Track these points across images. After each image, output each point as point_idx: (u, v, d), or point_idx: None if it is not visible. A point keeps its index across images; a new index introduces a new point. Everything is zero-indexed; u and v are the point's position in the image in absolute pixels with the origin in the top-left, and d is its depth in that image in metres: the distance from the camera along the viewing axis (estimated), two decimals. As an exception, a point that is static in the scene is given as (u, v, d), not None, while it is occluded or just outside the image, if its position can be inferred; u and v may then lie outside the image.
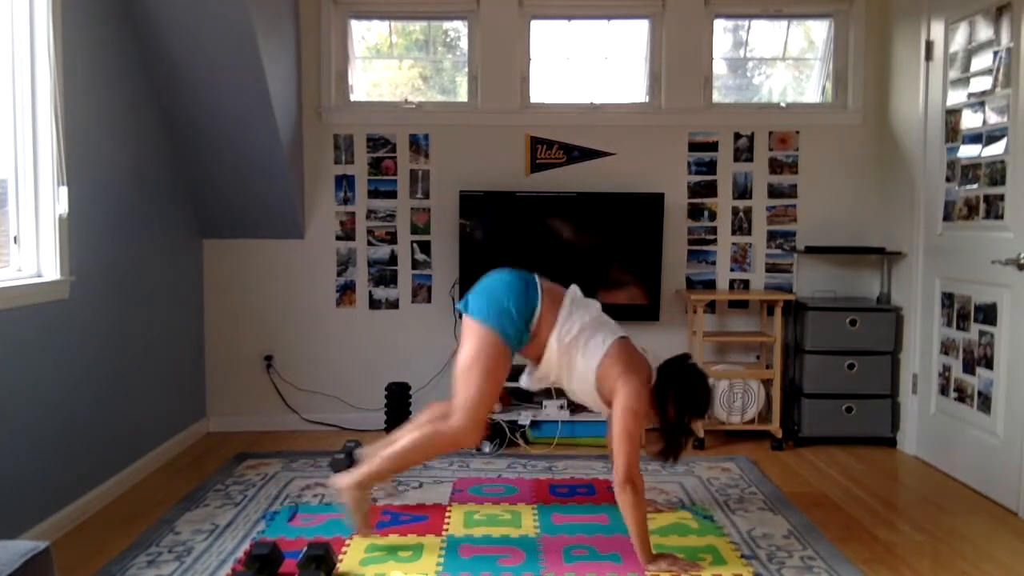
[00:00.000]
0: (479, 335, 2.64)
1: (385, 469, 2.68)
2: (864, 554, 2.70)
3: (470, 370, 2.62)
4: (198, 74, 3.53)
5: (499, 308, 2.63)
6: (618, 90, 4.36)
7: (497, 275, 2.76)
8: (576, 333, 2.67)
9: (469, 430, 2.62)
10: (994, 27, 3.28)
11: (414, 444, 2.64)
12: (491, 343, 2.62)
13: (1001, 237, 3.21)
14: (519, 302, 2.65)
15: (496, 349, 2.62)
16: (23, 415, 2.66)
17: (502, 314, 2.62)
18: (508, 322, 2.62)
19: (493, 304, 2.65)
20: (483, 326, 2.63)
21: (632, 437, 2.55)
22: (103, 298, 3.19)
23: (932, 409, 3.71)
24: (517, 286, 2.69)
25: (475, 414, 2.62)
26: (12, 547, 1.57)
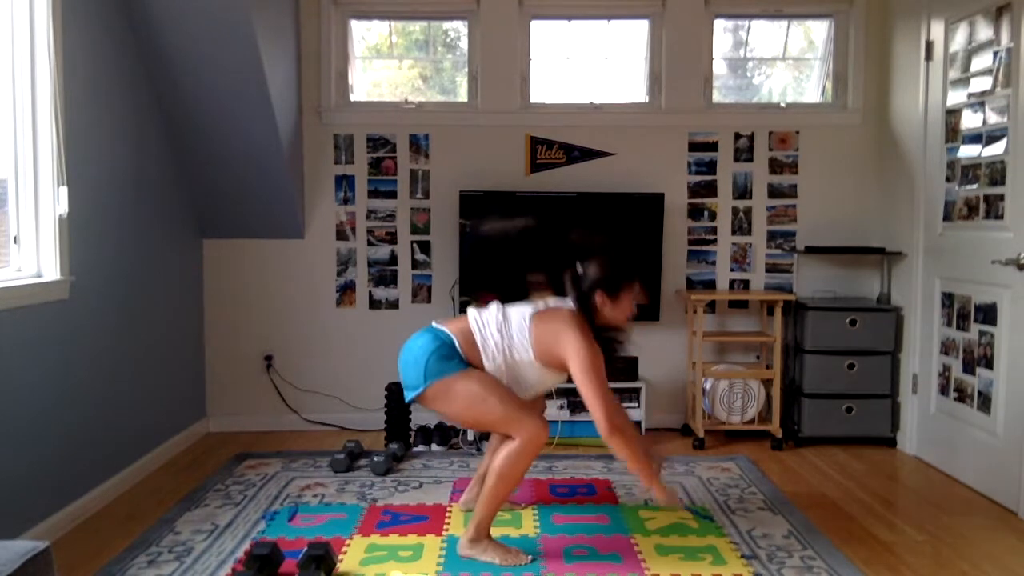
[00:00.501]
0: (441, 395, 2.58)
1: (490, 512, 2.61)
2: (864, 554, 2.70)
3: (476, 414, 2.58)
4: (198, 74, 3.53)
5: (424, 365, 2.57)
6: (618, 90, 4.36)
7: (403, 352, 2.70)
8: (499, 344, 2.61)
9: (534, 430, 2.52)
10: (994, 27, 3.28)
11: (502, 475, 2.55)
12: (453, 386, 2.56)
13: (1001, 237, 3.21)
14: (431, 347, 2.60)
15: (463, 383, 2.56)
16: (23, 415, 2.66)
17: (430, 366, 2.57)
18: (441, 364, 2.56)
19: (417, 368, 2.59)
20: (432, 387, 2.57)
21: (597, 388, 2.49)
22: (103, 298, 3.19)
23: (932, 409, 3.71)
24: (423, 341, 2.64)
25: (522, 418, 2.53)
26: (12, 547, 1.57)
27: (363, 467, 3.58)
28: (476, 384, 2.56)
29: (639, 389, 4.00)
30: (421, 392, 2.59)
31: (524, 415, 2.54)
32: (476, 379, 2.58)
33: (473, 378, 2.57)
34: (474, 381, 2.57)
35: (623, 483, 3.37)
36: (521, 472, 2.59)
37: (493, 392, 2.56)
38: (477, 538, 2.61)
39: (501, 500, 2.61)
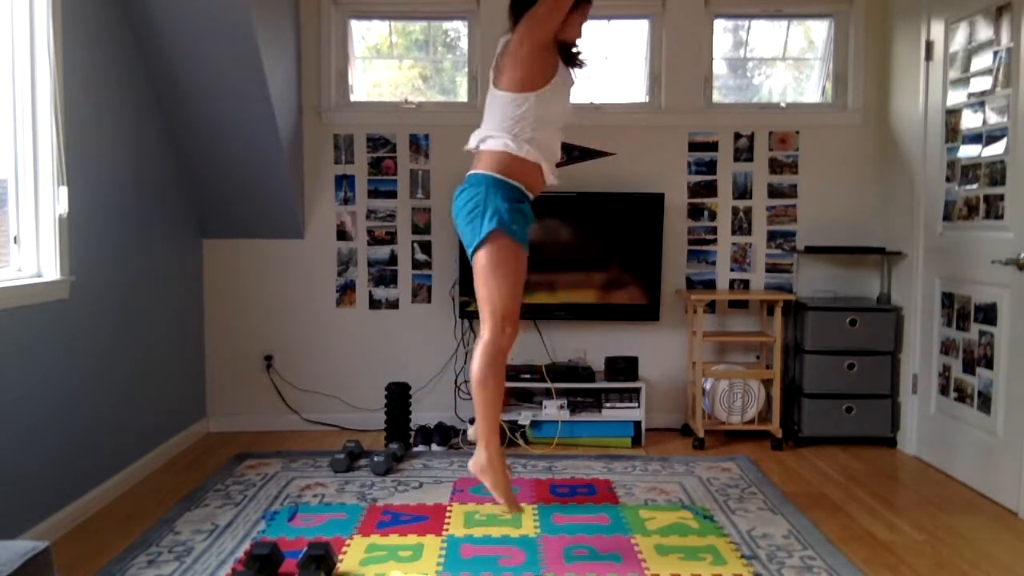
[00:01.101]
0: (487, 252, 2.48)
1: (488, 425, 2.53)
2: (864, 554, 2.70)
3: (486, 280, 2.49)
4: (198, 74, 3.53)
5: (479, 214, 2.50)
6: (618, 90, 4.36)
7: (456, 205, 2.65)
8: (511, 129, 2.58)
9: (500, 330, 2.47)
10: (994, 27, 3.28)
11: (477, 381, 2.51)
12: (495, 243, 2.46)
13: (1001, 237, 3.21)
14: (490, 192, 2.52)
15: (504, 248, 2.47)
16: (23, 415, 2.66)
17: (483, 214, 2.48)
18: (510, 220, 2.47)
19: (475, 219, 2.50)
20: (487, 239, 2.47)
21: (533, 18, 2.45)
22: (103, 298, 3.19)
23: (932, 409, 3.71)
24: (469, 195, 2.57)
25: (501, 313, 2.47)
26: (12, 547, 1.57)
27: (363, 467, 3.58)
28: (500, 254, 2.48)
29: (639, 389, 4.00)
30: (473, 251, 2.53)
31: (508, 308, 2.48)
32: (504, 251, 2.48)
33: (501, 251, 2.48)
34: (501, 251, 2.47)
35: (623, 483, 3.37)
36: (496, 372, 2.50)
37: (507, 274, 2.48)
38: (488, 460, 2.54)
39: (489, 408, 2.51)
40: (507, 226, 2.48)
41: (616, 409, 4.00)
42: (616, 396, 4.03)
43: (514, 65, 2.53)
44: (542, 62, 2.54)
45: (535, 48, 2.51)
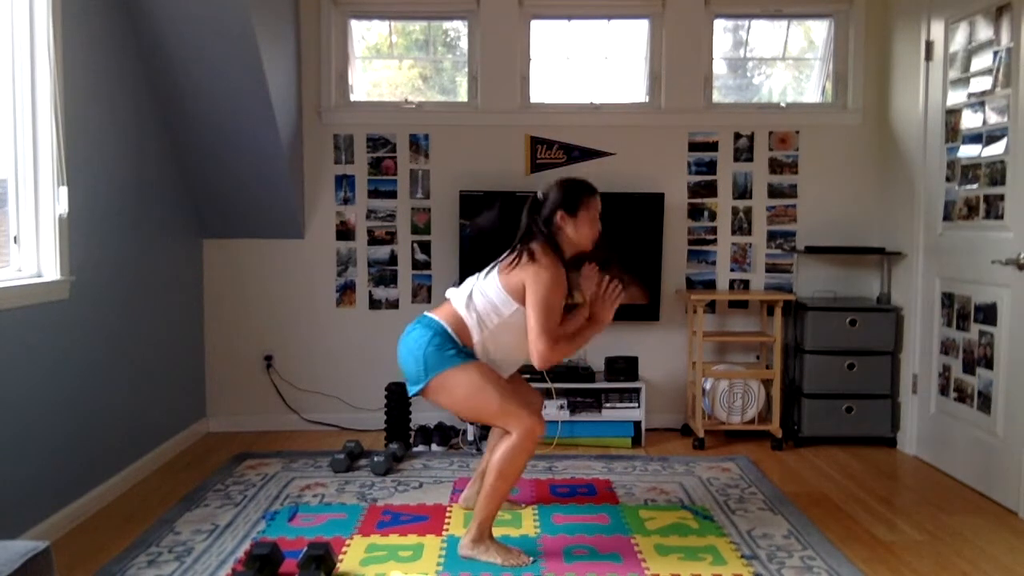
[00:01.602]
0: (440, 389, 2.58)
1: (490, 511, 2.60)
2: (864, 554, 2.70)
3: (474, 407, 2.59)
4: (198, 74, 3.53)
5: (424, 359, 2.57)
6: (618, 90, 4.36)
7: (400, 347, 2.69)
8: (482, 309, 2.60)
9: (530, 425, 2.52)
10: (994, 27, 3.28)
11: (500, 473, 2.55)
12: (453, 378, 2.56)
13: (1001, 237, 3.21)
14: (426, 339, 2.59)
15: (463, 375, 2.56)
16: (23, 415, 2.66)
17: (430, 359, 2.56)
18: (440, 355, 2.56)
19: (417, 364, 2.59)
20: (433, 381, 2.57)
21: (540, 316, 2.49)
22: (103, 298, 3.19)
23: (932, 409, 3.71)
24: (416, 335, 2.63)
25: (519, 413, 2.53)
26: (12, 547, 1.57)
27: (363, 467, 3.58)
28: (476, 375, 2.56)
29: (639, 389, 4.00)
30: (424, 387, 2.60)
31: (522, 409, 2.54)
32: (475, 370, 2.58)
33: (472, 369, 2.57)
34: (473, 372, 2.57)
35: (623, 483, 3.37)
36: (519, 468, 2.58)
37: (491, 384, 2.56)
38: (479, 538, 2.61)
39: (501, 498, 2.60)
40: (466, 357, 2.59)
41: (616, 409, 4.00)
42: (616, 396, 4.03)
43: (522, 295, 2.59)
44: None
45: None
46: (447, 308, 2.69)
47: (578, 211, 2.65)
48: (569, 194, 2.65)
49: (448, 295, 2.75)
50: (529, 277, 2.54)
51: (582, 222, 2.67)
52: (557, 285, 2.54)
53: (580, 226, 2.66)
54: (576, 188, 2.68)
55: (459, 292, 2.71)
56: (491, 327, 2.62)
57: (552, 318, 2.52)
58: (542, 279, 2.52)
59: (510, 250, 2.68)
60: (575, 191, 2.67)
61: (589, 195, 2.69)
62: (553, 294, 2.53)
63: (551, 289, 2.52)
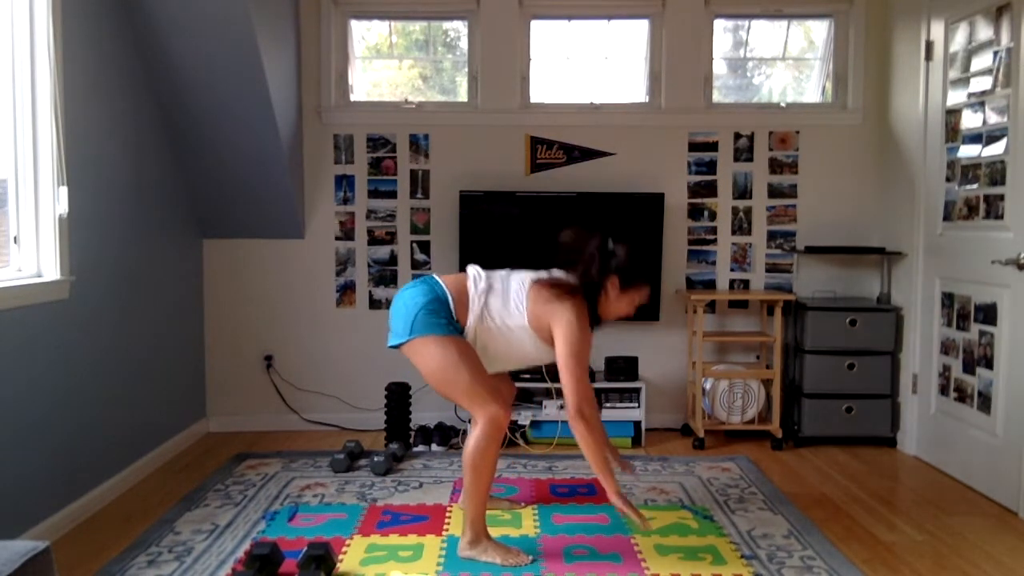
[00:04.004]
0: (420, 350, 2.57)
1: (476, 507, 2.61)
2: (864, 554, 2.70)
3: (444, 379, 2.57)
4: (198, 74, 3.53)
5: (412, 317, 2.57)
6: (618, 90, 4.36)
7: (396, 298, 2.70)
8: (488, 306, 2.60)
9: (493, 413, 2.54)
10: (994, 27, 3.28)
11: (471, 467, 2.58)
12: (434, 344, 2.55)
13: (1001, 237, 3.21)
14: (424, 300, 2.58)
15: (443, 344, 2.55)
16: (23, 415, 2.66)
17: (418, 319, 2.56)
18: (429, 319, 2.55)
19: (406, 319, 2.59)
20: (415, 340, 2.57)
21: (574, 367, 2.49)
22: (103, 298, 3.19)
23: (932, 409, 3.71)
24: (416, 292, 2.62)
25: (484, 399, 2.54)
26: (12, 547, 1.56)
27: (363, 467, 3.58)
28: (454, 351, 2.55)
29: (639, 389, 4.00)
30: (403, 343, 2.59)
31: (488, 395, 2.54)
32: (456, 346, 2.56)
33: (453, 345, 2.56)
34: (453, 348, 2.55)
35: (623, 483, 3.37)
36: (491, 460, 2.58)
37: (466, 364, 2.55)
38: (475, 539, 2.61)
39: (482, 494, 2.60)
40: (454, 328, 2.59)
41: (616, 409, 4.00)
42: (616, 396, 4.03)
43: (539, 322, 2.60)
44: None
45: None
46: (459, 279, 2.68)
47: (628, 289, 2.66)
48: (634, 268, 2.66)
49: (469, 269, 2.74)
50: (563, 323, 2.53)
51: (623, 300, 2.67)
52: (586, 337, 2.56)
53: (619, 301, 2.67)
54: (641, 268, 2.70)
55: (480, 273, 2.70)
56: (489, 325, 2.61)
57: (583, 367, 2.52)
58: (574, 329, 2.52)
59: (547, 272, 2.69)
60: (639, 270, 2.68)
61: (645, 283, 2.71)
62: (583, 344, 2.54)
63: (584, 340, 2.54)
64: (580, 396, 2.49)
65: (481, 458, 2.57)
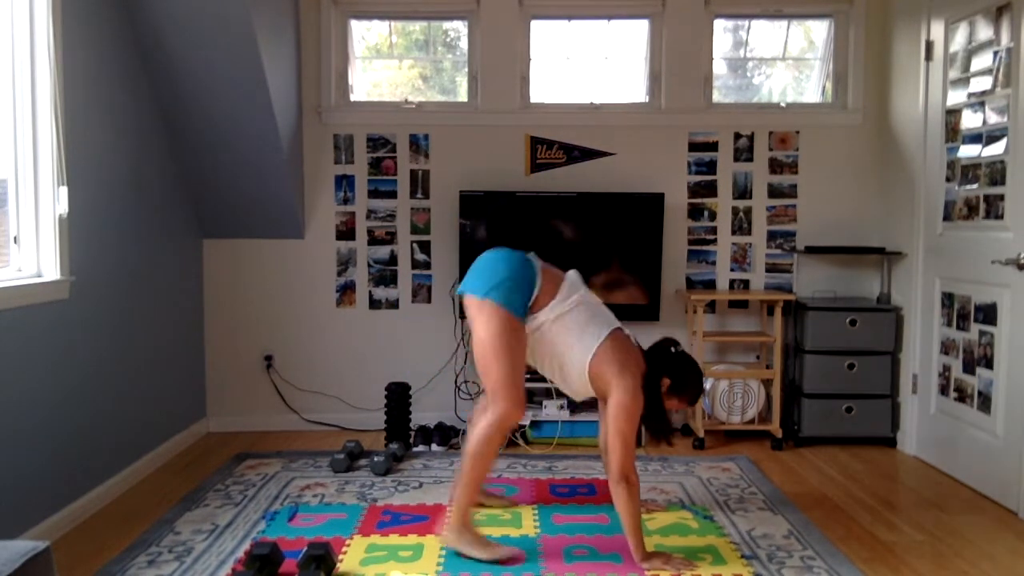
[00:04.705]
0: (487, 314, 2.58)
1: (468, 496, 2.63)
2: (864, 554, 2.70)
3: (490, 353, 2.57)
4: (198, 74, 3.53)
5: (498, 281, 2.59)
6: (618, 90, 4.36)
7: (491, 253, 2.73)
8: (571, 313, 2.64)
9: (511, 410, 2.56)
10: (994, 27, 3.28)
11: (474, 454, 2.59)
12: (501, 318, 2.56)
13: (1001, 237, 3.21)
14: (517, 273, 2.62)
15: (508, 323, 2.56)
16: (23, 415, 2.66)
17: (502, 286, 2.58)
18: (511, 293, 2.58)
19: (492, 279, 2.60)
20: (488, 303, 2.57)
21: (627, 436, 2.55)
22: (103, 298, 3.19)
23: (932, 409, 3.71)
24: (514, 260, 2.66)
25: (511, 392, 2.55)
26: (12, 547, 1.56)
27: (363, 467, 3.57)
28: (513, 336, 2.57)
29: (639, 389, 3.99)
30: (475, 298, 2.61)
31: (516, 391, 2.57)
32: (517, 334, 2.59)
33: (516, 330, 2.58)
34: (515, 333, 2.58)
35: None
36: (494, 450, 2.62)
37: (517, 354, 2.58)
38: (461, 527, 2.61)
39: (477, 482, 2.63)
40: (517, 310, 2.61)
41: (616, 409, 3.99)
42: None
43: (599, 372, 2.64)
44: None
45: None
46: (556, 274, 2.72)
47: (674, 396, 2.72)
48: (685, 380, 2.71)
49: (570, 274, 2.78)
50: (624, 389, 2.58)
51: (670, 402, 2.73)
52: (639, 408, 2.60)
53: (667, 401, 2.72)
54: (694, 384, 2.74)
55: (577, 284, 2.75)
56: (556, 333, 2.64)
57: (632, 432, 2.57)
58: (632, 398, 2.57)
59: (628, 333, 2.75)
60: (690, 385, 2.72)
61: (693, 400, 2.77)
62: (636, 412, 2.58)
63: (638, 412, 2.59)
64: (627, 462, 2.54)
65: (486, 446, 2.58)
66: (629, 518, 2.54)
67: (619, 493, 2.53)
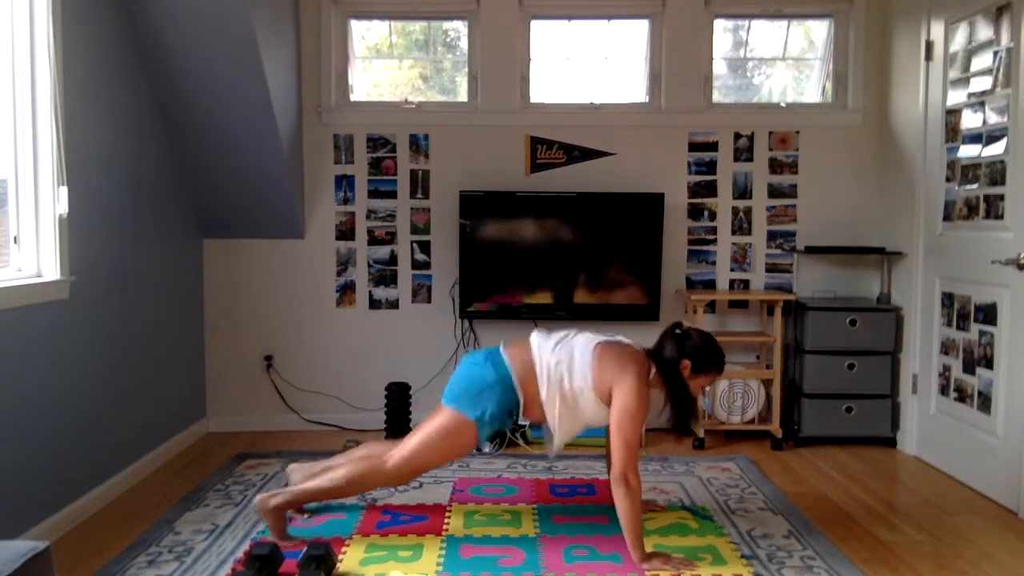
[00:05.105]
0: (453, 415, 2.69)
1: (315, 496, 2.77)
2: (864, 554, 2.70)
3: (433, 432, 2.69)
4: (198, 74, 3.53)
5: (473, 397, 2.67)
6: (618, 90, 4.36)
7: (465, 365, 2.79)
8: (557, 371, 2.67)
9: (402, 476, 2.73)
10: (994, 27, 3.28)
11: (349, 478, 2.70)
12: (462, 423, 2.67)
13: (1001, 237, 3.21)
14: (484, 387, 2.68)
15: (465, 430, 2.67)
16: (23, 415, 2.66)
17: (477, 401, 2.66)
18: (486, 406, 2.65)
19: (466, 394, 2.69)
20: (457, 414, 2.68)
21: (628, 437, 2.56)
22: (103, 298, 3.19)
23: (932, 409, 3.71)
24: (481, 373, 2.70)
25: (414, 466, 2.70)
26: (12, 547, 1.57)
27: (363, 467, 3.57)
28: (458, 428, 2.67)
29: (639, 389, 3.99)
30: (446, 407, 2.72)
31: (420, 468, 2.72)
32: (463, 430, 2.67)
33: (465, 427, 2.67)
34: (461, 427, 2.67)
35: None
36: (364, 489, 2.81)
37: (449, 444, 2.69)
38: (277, 508, 2.69)
39: (330, 499, 2.83)
40: (483, 425, 2.68)
41: (616, 409, 3.99)
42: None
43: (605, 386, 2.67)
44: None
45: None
46: (523, 355, 2.73)
47: (700, 375, 2.73)
48: (706, 354, 2.72)
49: (532, 338, 2.80)
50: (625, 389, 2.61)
51: (694, 383, 2.74)
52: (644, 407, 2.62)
53: (691, 383, 2.73)
54: (714, 355, 2.74)
55: (544, 343, 2.76)
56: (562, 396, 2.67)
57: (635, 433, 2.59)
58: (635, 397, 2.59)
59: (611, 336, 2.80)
60: (712, 358, 2.73)
61: (720, 369, 2.77)
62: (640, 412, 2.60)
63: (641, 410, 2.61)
64: (628, 462, 2.55)
65: (365, 486, 2.76)
66: (626, 520, 2.55)
67: (617, 495, 2.55)
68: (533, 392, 2.69)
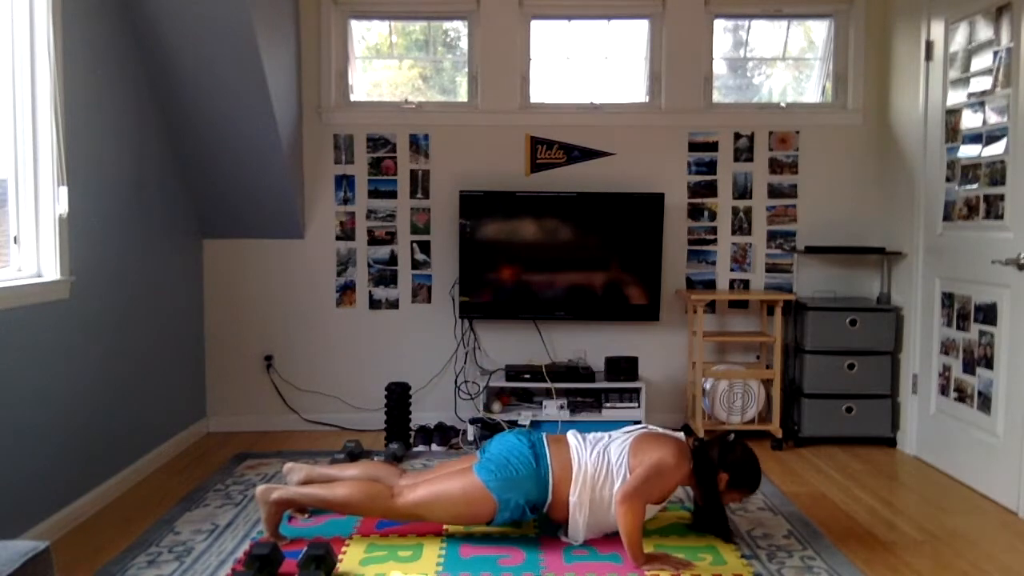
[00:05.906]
0: (480, 488, 2.65)
1: (313, 503, 2.76)
2: (864, 554, 2.70)
3: (455, 492, 2.66)
4: (198, 74, 3.53)
5: (507, 482, 2.65)
6: (618, 90, 4.36)
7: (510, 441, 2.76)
8: (594, 479, 2.66)
9: (405, 516, 2.70)
10: (994, 27, 3.28)
11: (352, 499, 2.68)
12: (486, 499, 2.65)
13: (1001, 237, 3.21)
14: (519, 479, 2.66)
15: (485, 505, 2.65)
16: (23, 415, 2.66)
17: (509, 487, 2.64)
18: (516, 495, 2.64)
19: (501, 475, 2.66)
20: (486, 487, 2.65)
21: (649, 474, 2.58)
22: (103, 298, 3.19)
23: (932, 409, 3.71)
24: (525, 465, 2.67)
25: (420, 513, 2.68)
26: (12, 547, 1.57)
27: (363, 467, 3.57)
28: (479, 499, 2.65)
29: (639, 389, 4.00)
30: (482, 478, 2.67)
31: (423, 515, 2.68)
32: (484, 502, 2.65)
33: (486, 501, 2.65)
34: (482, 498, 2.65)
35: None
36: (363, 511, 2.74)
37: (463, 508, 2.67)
38: (278, 502, 2.69)
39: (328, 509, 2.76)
40: (504, 509, 2.66)
41: (616, 409, 4.00)
42: (616, 396, 4.03)
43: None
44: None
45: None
46: (562, 453, 2.72)
47: (734, 491, 2.75)
48: (744, 474, 2.73)
49: (569, 439, 2.79)
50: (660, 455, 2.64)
51: (728, 495, 2.75)
52: (673, 475, 2.63)
53: (725, 495, 2.74)
54: (753, 477, 2.75)
55: (581, 444, 2.75)
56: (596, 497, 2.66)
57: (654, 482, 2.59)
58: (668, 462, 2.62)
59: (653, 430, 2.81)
60: (749, 479, 2.74)
61: (751, 491, 2.78)
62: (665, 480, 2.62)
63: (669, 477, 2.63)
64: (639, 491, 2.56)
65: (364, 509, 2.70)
66: (625, 531, 2.54)
67: (620, 510, 2.56)
68: (564, 495, 2.67)
